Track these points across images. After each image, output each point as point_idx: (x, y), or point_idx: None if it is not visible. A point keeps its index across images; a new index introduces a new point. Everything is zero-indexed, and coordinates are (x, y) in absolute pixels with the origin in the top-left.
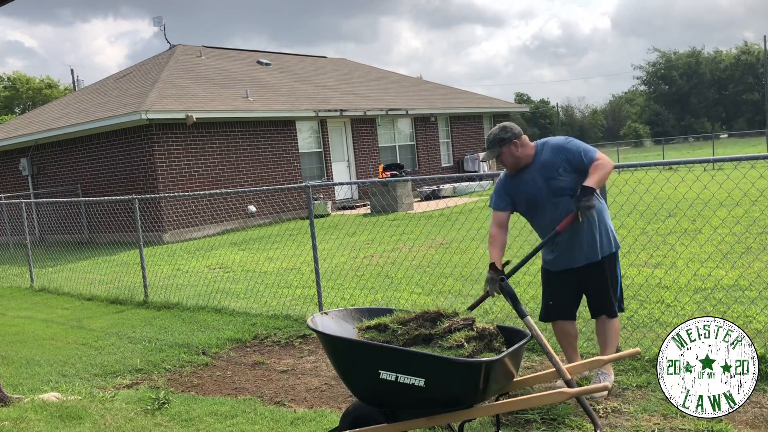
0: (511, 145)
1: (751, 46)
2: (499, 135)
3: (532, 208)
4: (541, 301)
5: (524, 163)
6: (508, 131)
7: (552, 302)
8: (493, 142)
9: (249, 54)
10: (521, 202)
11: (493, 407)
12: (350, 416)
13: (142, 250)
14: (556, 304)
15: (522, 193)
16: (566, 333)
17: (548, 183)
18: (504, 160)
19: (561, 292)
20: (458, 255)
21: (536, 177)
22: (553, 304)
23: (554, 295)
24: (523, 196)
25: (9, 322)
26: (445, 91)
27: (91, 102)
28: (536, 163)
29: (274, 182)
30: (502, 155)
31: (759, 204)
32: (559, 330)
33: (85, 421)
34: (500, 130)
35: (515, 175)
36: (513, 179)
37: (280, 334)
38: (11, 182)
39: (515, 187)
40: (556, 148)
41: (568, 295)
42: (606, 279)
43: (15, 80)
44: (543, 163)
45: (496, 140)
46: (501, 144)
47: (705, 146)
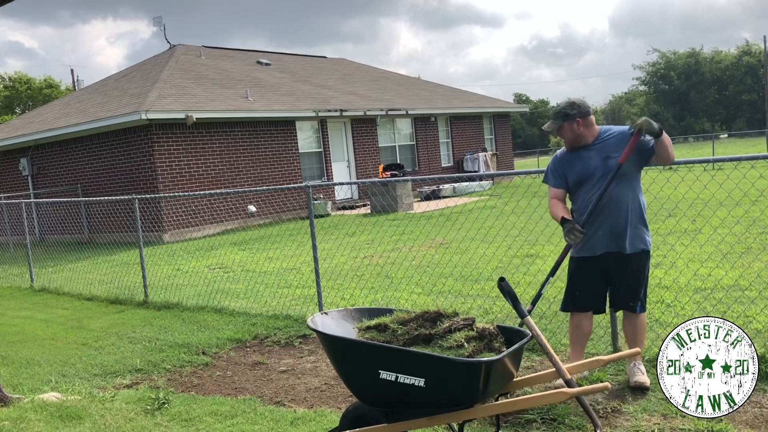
0: (573, 122)
1: (751, 46)
2: (564, 110)
3: (580, 186)
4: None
5: (583, 143)
6: (575, 108)
7: (571, 291)
8: (557, 116)
9: (249, 54)
10: (572, 179)
11: (493, 407)
12: (350, 416)
13: (142, 250)
14: (573, 294)
15: (575, 169)
16: (579, 327)
17: (605, 162)
18: (563, 135)
19: (580, 281)
20: (458, 255)
21: (593, 156)
22: (571, 293)
23: (573, 284)
24: (575, 173)
25: (9, 322)
26: (445, 91)
27: (91, 102)
28: (597, 144)
29: (274, 182)
30: (563, 129)
31: (759, 204)
32: (574, 323)
33: (85, 421)
34: (567, 105)
35: (571, 151)
36: (568, 156)
37: (280, 334)
38: (11, 182)
39: (569, 163)
40: (621, 133)
41: (588, 285)
42: (633, 274)
43: (15, 80)
44: (604, 144)
45: (560, 114)
46: (563, 119)
47: (705, 146)
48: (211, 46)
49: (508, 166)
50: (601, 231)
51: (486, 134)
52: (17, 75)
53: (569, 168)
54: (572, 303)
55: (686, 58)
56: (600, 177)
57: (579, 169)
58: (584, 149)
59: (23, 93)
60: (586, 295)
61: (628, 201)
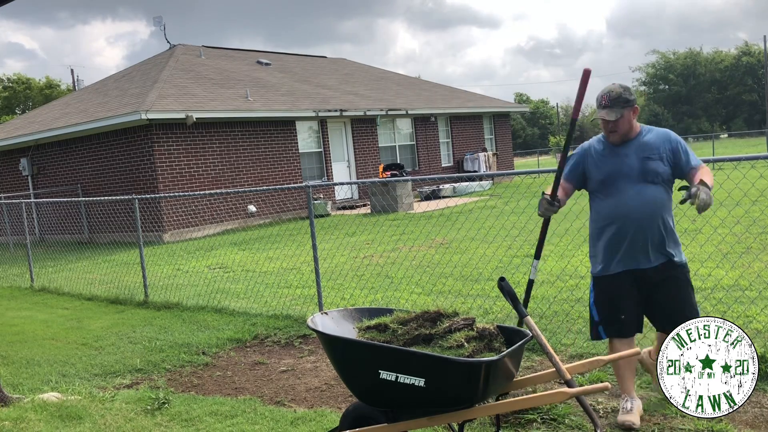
0: (632, 109)
1: (750, 46)
2: (624, 95)
3: (608, 187)
4: (589, 319)
5: (628, 137)
6: (632, 94)
7: (606, 316)
8: (617, 101)
9: (249, 54)
10: (598, 177)
11: (493, 407)
12: (350, 416)
13: (142, 250)
14: (611, 318)
15: (605, 167)
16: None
17: (643, 163)
18: (620, 126)
19: (618, 302)
20: (458, 255)
21: (630, 154)
22: (608, 317)
23: (609, 306)
24: (604, 171)
25: (9, 322)
26: (445, 91)
27: (91, 102)
28: (636, 141)
29: (274, 182)
30: (621, 119)
31: (759, 204)
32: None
33: (85, 421)
34: (624, 90)
35: (609, 146)
36: (602, 150)
37: (280, 334)
38: (11, 182)
39: (599, 161)
40: (663, 135)
41: (626, 304)
42: (684, 286)
43: (15, 81)
44: (644, 143)
45: (620, 99)
46: (625, 105)
47: (705, 146)
48: (211, 46)
49: (508, 166)
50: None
51: (486, 134)
52: (16, 76)
53: (599, 164)
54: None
55: (685, 59)
56: (633, 178)
57: (610, 168)
58: (621, 146)
59: (22, 93)
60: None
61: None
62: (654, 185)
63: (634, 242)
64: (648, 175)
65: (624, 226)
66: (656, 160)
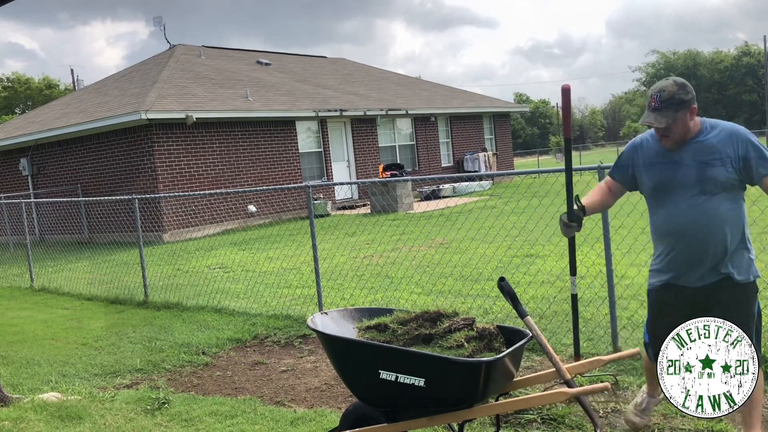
0: (688, 111)
1: (750, 46)
2: (678, 94)
3: (660, 195)
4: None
5: (685, 139)
6: (689, 92)
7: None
8: (669, 102)
9: (249, 54)
10: (649, 184)
11: (493, 407)
12: (350, 416)
13: (142, 250)
14: (653, 335)
15: (656, 173)
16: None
17: (702, 170)
18: (674, 131)
19: (663, 318)
20: (458, 255)
21: (686, 157)
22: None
23: (655, 323)
24: (655, 178)
25: (9, 322)
26: (445, 91)
27: (91, 102)
28: (694, 143)
29: (274, 182)
30: (675, 124)
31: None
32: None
33: (85, 421)
34: (678, 88)
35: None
36: (654, 150)
37: (280, 334)
38: (11, 182)
39: (651, 163)
40: (734, 135)
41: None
42: (740, 308)
43: (14, 81)
44: (705, 145)
45: (674, 101)
46: (679, 108)
47: None
48: (211, 46)
49: (508, 166)
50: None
51: (486, 134)
52: (15, 75)
53: (650, 167)
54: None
55: (686, 59)
56: (688, 186)
57: (662, 172)
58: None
59: (22, 93)
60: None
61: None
62: (715, 196)
63: (687, 261)
64: (707, 184)
65: (676, 244)
66: (718, 166)
